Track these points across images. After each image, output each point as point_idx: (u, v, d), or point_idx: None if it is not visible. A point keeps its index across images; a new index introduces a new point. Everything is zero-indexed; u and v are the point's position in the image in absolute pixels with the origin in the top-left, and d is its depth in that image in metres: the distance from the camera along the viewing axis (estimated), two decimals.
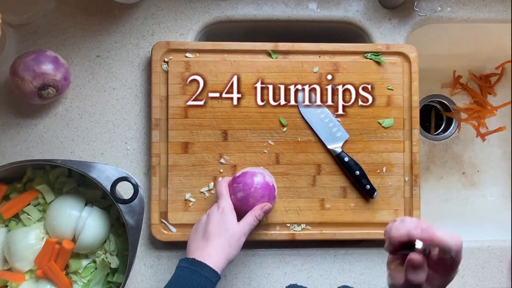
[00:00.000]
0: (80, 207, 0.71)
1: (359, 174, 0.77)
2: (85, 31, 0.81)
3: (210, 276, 0.61)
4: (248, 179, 0.70)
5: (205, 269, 0.61)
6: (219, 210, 0.67)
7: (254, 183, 0.69)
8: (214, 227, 0.65)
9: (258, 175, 0.70)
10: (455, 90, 1.03)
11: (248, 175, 0.71)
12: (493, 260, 0.82)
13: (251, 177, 0.70)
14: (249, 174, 0.71)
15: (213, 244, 0.64)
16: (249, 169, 0.73)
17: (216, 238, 0.64)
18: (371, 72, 0.80)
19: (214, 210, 0.67)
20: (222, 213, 0.66)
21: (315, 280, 0.79)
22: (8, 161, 0.72)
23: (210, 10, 0.83)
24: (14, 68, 0.73)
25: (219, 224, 0.65)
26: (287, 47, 0.80)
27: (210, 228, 0.65)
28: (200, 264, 0.61)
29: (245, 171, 0.72)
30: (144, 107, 0.81)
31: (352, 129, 0.79)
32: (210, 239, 0.64)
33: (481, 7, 0.86)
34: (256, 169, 0.73)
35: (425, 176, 1.02)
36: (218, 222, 0.65)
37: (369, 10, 0.85)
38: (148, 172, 0.80)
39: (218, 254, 0.63)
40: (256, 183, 0.69)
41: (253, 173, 0.71)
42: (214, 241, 0.64)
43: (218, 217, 0.66)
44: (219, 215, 0.66)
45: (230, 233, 0.65)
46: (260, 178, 0.70)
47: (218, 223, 0.65)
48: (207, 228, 0.65)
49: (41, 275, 0.69)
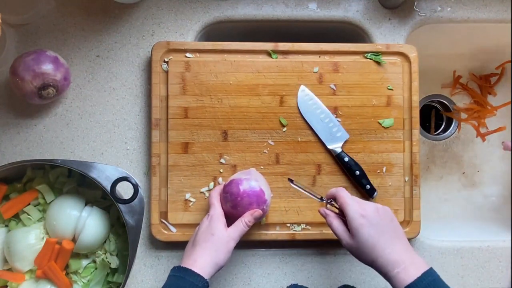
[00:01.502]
0: (80, 207, 0.71)
1: (359, 174, 0.77)
2: (85, 31, 0.81)
3: (195, 281, 0.60)
4: (234, 188, 0.69)
5: (189, 275, 0.61)
6: (208, 218, 0.68)
7: (240, 192, 0.69)
8: (202, 234, 0.66)
9: (244, 183, 0.69)
10: (455, 90, 1.03)
11: (234, 184, 0.70)
12: (493, 260, 0.82)
13: (237, 186, 0.69)
14: (235, 183, 0.70)
15: (199, 249, 0.64)
16: (237, 175, 0.72)
17: (202, 243, 0.65)
18: (371, 72, 0.80)
19: (204, 219, 0.69)
20: (210, 221, 0.67)
21: (315, 280, 0.79)
22: (8, 161, 0.72)
23: (210, 10, 0.83)
24: (14, 68, 0.73)
25: (206, 231, 0.66)
26: (287, 47, 0.80)
27: (198, 236, 0.66)
28: (185, 270, 0.62)
29: (232, 179, 0.71)
30: (144, 107, 0.81)
31: (352, 129, 0.79)
32: (197, 245, 0.65)
33: (481, 7, 0.86)
34: (243, 174, 0.72)
35: (425, 176, 1.02)
36: (205, 229, 0.67)
37: (369, 10, 0.85)
38: (148, 172, 0.80)
39: (204, 259, 0.63)
40: (243, 192, 0.69)
41: (239, 181, 0.70)
42: (200, 247, 0.65)
43: (206, 224, 0.67)
44: (208, 222, 0.67)
45: (216, 238, 0.65)
46: (247, 185, 0.69)
47: (205, 230, 0.66)
48: (196, 236, 0.67)
49: (41, 275, 0.69)
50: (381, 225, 0.62)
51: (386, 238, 0.61)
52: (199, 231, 0.67)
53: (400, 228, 0.64)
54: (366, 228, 0.61)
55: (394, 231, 0.62)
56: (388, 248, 0.60)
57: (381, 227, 0.62)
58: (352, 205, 0.63)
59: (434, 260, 0.81)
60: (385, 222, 0.62)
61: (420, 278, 0.57)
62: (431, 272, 0.59)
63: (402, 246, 0.61)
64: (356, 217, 0.62)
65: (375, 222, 0.62)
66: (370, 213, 0.62)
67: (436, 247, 0.82)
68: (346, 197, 0.65)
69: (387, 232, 0.62)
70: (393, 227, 0.63)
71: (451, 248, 0.82)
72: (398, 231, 0.63)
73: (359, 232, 0.61)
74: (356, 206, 0.63)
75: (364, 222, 0.61)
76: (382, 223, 0.62)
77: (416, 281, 0.57)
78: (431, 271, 0.59)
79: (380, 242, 0.61)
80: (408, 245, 0.62)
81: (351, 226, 0.62)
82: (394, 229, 0.63)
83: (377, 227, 0.61)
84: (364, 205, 0.64)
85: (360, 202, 0.64)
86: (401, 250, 0.61)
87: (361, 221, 0.61)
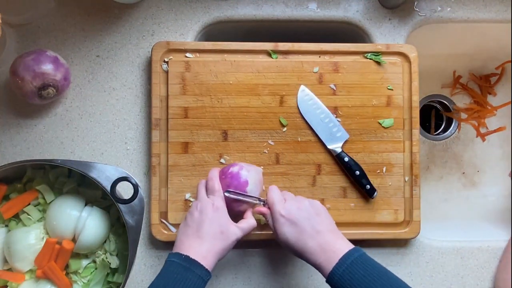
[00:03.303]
0: (80, 207, 0.71)
1: (359, 174, 0.77)
2: (85, 31, 0.81)
3: (203, 275, 0.61)
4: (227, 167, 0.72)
5: (199, 268, 0.61)
6: (213, 208, 0.66)
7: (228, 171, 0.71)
8: (210, 227, 0.65)
9: (237, 167, 0.71)
10: (455, 90, 1.03)
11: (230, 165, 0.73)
12: (493, 260, 0.82)
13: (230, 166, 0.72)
14: (232, 164, 0.73)
15: (208, 245, 0.64)
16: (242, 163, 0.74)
17: (211, 239, 0.64)
18: (371, 72, 0.80)
19: (208, 206, 0.66)
20: (216, 212, 0.66)
21: (315, 280, 0.79)
22: (8, 161, 0.72)
23: (210, 10, 0.83)
24: (14, 68, 0.73)
25: (215, 225, 0.65)
26: (287, 47, 0.80)
27: (206, 228, 0.65)
28: (194, 263, 0.61)
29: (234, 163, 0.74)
30: (144, 107, 0.81)
31: (352, 129, 0.79)
32: (206, 239, 0.64)
33: (481, 7, 0.86)
34: (246, 164, 0.73)
35: (425, 176, 1.02)
36: (213, 222, 0.65)
37: (369, 10, 0.85)
38: (148, 172, 0.80)
39: (212, 255, 0.63)
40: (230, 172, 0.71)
41: (235, 164, 0.72)
42: (209, 242, 0.64)
43: (213, 215, 0.66)
44: (214, 213, 0.66)
45: (225, 236, 0.65)
46: (236, 169, 0.71)
47: (214, 223, 0.65)
48: (202, 226, 0.65)
49: (41, 275, 0.69)
50: (301, 222, 0.65)
51: (308, 233, 0.64)
52: (205, 222, 0.65)
53: (326, 218, 0.67)
54: (285, 227, 0.65)
55: (319, 224, 0.65)
56: (311, 242, 0.64)
57: (302, 224, 0.65)
58: (275, 205, 0.67)
59: (434, 260, 0.81)
60: (305, 217, 0.65)
61: (341, 259, 0.60)
62: (353, 251, 0.61)
63: (327, 236, 0.64)
64: (276, 216, 0.66)
65: (295, 220, 0.65)
66: (290, 212, 0.66)
67: (436, 247, 0.82)
68: (272, 197, 0.69)
69: (309, 227, 0.64)
70: (318, 221, 0.66)
71: (451, 248, 0.82)
72: (323, 223, 0.66)
73: (279, 230, 0.66)
74: (278, 206, 0.67)
75: (283, 221, 0.65)
76: (302, 220, 0.65)
77: (338, 264, 0.60)
78: (352, 250, 0.62)
79: (302, 237, 0.64)
80: (335, 233, 0.66)
81: (274, 224, 0.67)
82: (319, 223, 0.65)
83: (296, 225, 0.65)
84: (288, 203, 0.67)
85: (287, 201, 0.68)
86: (325, 241, 0.64)
87: (280, 220, 0.66)
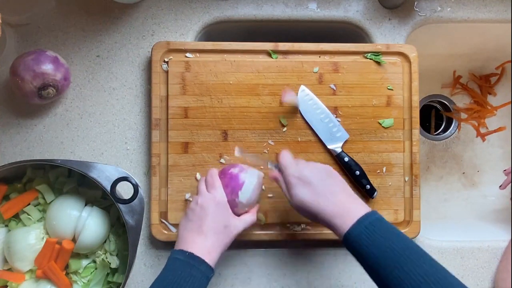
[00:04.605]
0: (80, 207, 0.71)
1: (359, 174, 0.77)
2: (85, 31, 0.81)
3: (206, 272, 0.61)
4: (228, 167, 0.71)
5: (203, 265, 0.61)
6: (215, 202, 0.66)
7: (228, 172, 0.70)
8: (213, 223, 0.65)
9: (237, 168, 0.70)
10: (455, 90, 1.03)
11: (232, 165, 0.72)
12: (493, 260, 0.82)
13: (231, 167, 0.71)
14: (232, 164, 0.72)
15: (212, 241, 0.64)
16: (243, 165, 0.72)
17: (215, 235, 0.64)
18: (371, 72, 0.80)
19: (210, 201, 0.66)
20: (218, 206, 0.66)
21: (315, 280, 0.79)
22: (8, 161, 0.72)
23: (210, 10, 0.83)
24: (14, 68, 0.73)
25: (219, 220, 0.65)
26: (287, 47, 0.80)
27: (209, 223, 0.64)
28: (198, 260, 0.61)
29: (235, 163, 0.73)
30: (144, 107, 0.81)
31: (352, 129, 0.79)
32: (209, 235, 0.64)
33: (481, 7, 0.86)
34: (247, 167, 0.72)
35: (425, 176, 1.02)
36: (217, 217, 0.65)
37: (369, 10, 0.85)
38: (148, 172, 0.80)
39: (216, 250, 0.64)
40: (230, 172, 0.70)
41: (236, 165, 0.71)
42: (213, 238, 0.64)
43: (215, 210, 0.66)
44: (216, 208, 0.66)
45: (228, 231, 0.66)
46: (236, 171, 0.70)
47: (217, 218, 0.65)
48: (205, 221, 0.64)
49: (41, 275, 0.69)
50: (315, 183, 0.64)
51: (322, 193, 0.63)
52: (208, 217, 0.65)
53: (339, 181, 0.66)
54: (299, 188, 0.64)
55: (332, 185, 0.64)
56: (326, 202, 0.62)
57: (316, 184, 0.64)
58: (288, 168, 0.66)
59: None
60: (319, 178, 0.64)
61: (359, 221, 0.59)
62: (371, 214, 0.60)
63: (342, 197, 0.63)
64: (289, 179, 0.65)
65: (308, 181, 0.64)
66: (303, 173, 0.65)
67: (436, 247, 0.82)
68: (285, 160, 0.67)
69: (323, 187, 0.64)
70: (331, 182, 0.65)
71: (451, 248, 0.82)
72: (336, 185, 0.65)
73: (293, 192, 0.64)
74: (291, 169, 0.66)
75: (296, 182, 0.64)
76: (315, 181, 0.64)
77: (355, 225, 0.59)
78: (371, 213, 0.60)
79: (317, 198, 0.63)
80: (350, 195, 0.64)
81: (287, 187, 0.66)
82: (332, 184, 0.64)
83: (310, 185, 0.64)
84: (300, 165, 0.66)
85: (299, 164, 0.66)
86: (340, 201, 0.62)
87: (294, 181, 0.64)
